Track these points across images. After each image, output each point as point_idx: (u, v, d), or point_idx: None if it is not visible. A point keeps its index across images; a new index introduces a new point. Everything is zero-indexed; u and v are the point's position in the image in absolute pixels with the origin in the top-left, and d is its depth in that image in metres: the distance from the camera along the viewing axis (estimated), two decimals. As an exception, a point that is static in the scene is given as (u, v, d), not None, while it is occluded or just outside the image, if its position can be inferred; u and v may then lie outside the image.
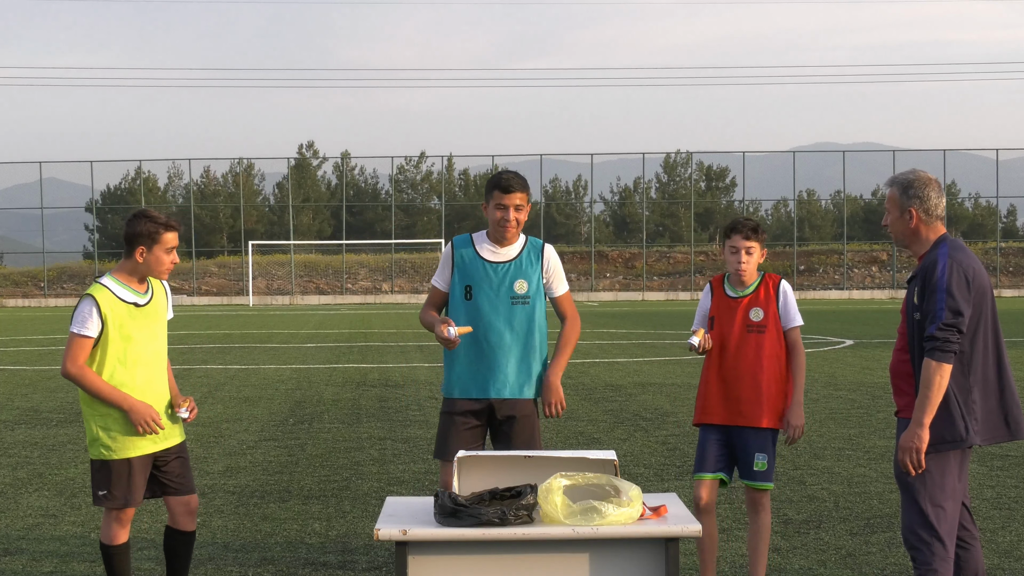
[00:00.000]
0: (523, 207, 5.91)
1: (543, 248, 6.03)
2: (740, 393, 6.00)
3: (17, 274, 67.31)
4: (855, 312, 41.84)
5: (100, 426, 5.52)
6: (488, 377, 5.91)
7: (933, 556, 4.87)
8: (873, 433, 11.53)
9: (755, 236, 6.06)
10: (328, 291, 65.54)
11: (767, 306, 6.02)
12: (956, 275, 4.82)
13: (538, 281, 5.96)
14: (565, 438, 11.49)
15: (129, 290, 5.59)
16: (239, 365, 20.41)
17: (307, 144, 78.43)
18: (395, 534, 4.42)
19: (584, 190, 76.74)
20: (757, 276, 6.13)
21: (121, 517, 5.65)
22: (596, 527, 4.41)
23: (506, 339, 5.89)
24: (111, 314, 5.48)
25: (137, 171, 70.85)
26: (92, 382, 5.46)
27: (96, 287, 5.53)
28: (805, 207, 79.33)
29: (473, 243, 6.00)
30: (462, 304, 5.93)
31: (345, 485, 9.13)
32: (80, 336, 5.45)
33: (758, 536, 6.09)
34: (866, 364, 19.31)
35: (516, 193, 5.88)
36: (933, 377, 4.77)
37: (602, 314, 41.88)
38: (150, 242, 5.57)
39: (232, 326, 35.02)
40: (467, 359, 5.93)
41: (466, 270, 5.95)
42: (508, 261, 5.94)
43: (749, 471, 6.02)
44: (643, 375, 17.69)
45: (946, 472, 4.90)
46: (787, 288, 6.11)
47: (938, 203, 5.00)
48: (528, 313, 5.92)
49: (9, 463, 10.32)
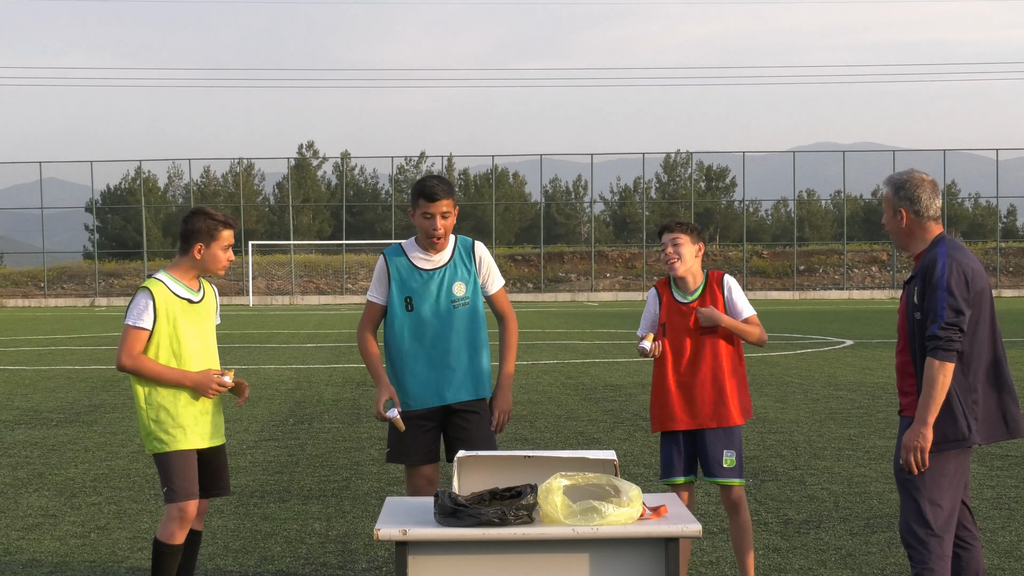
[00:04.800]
0: (450, 213, 5.85)
1: (474, 246, 6.01)
2: (704, 396, 6.00)
3: (17, 274, 67.33)
4: (855, 312, 41.84)
5: (152, 419, 5.53)
6: (442, 384, 5.91)
7: (930, 554, 4.88)
8: (873, 433, 11.54)
9: (680, 228, 6.05)
10: (328, 291, 65.56)
11: (716, 306, 6.02)
12: (956, 274, 4.83)
13: (474, 280, 5.96)
14: (565, 438, 11.49)
15: (183, 286, 5.62)
16: (239, 365, 20.41)
17: (307, 144, 78.47)
18: (395, 534, 4.42)
19: (584, 190, 76.79)
20: (702, 277, 6.11)
21: (183, 515, 5.57)
22: (596, 527, 4.41)
23: (453, 344, 5.89)
24: (165, 308, 5.52)
25: (137, 171, 70.86)
26: (150, 368, 5.49)
27: (152, 281, 5.57)
28: (805, 207, 79.34)
29: (405, 253, 5.97)
30: (404, 316, 5.91)
31: (345, 485, 9.13)
32: (136, 328, 5.48)
33: (741, 534, 6.09)
34: (866, 364, 19.31)
35: (442, 200, 5.81)
36: (936, 376, 4.78)
37: (602, 314, 41.88)
38: (208, 239, 5.61)
39: (232, 326, 35.03)
40: (418, 370, 5.92)
41: (403, 281, 5.93)
42: (442, 266, 5.93)
43: (719, 468, 6.01)
44: (643, 375, 17.69)
45: (945, 471, 4.92)
46: (730, 282, 6.08)
47: (930, 204, 5.01)
48: (470, 313, 5.92)
49: (9, 463, 10.32)
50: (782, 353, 21.62)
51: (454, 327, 5.89)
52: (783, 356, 20.99)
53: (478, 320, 5.95)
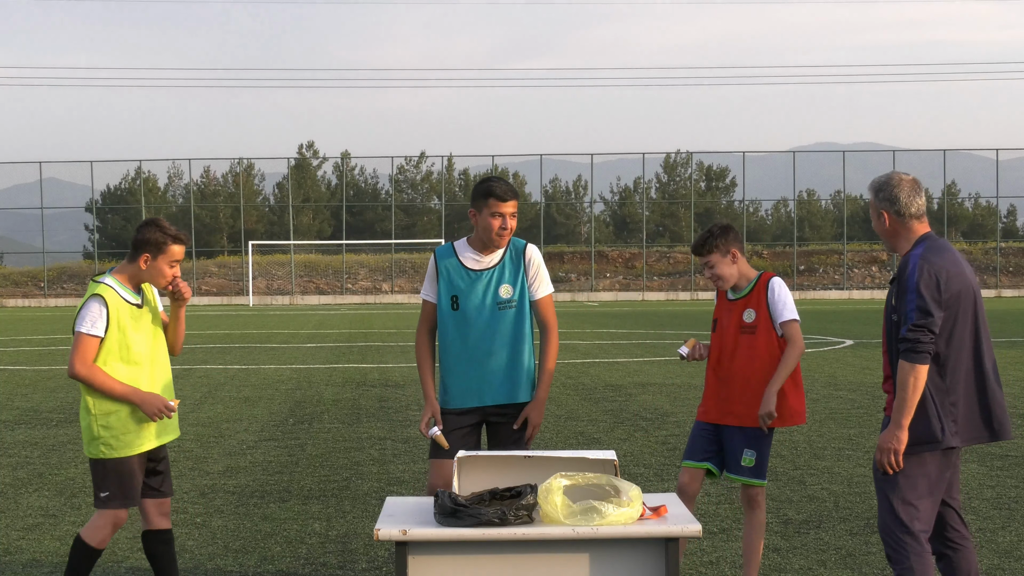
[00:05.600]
0: (515, 215, 5.91)
1: (525, 248, 6.00)
2: (732, 394, 6.06)
3: (17, 274, 67.33)
4: (855, 312, 41.84)
5: (102, 425, 5.52)
6: (482, 385, 5.92)
7: (908, 554, 4.91)
8: (873, 433, 11.54)
9: (706, 251, 6.11)
10: (328, 291, 65.54)
11: (759, 306, 6.05)
12: (926, 275, 4.85)
13: (522, 283, 5.95)
14: (565, 438, 11.49)
15: (129, 292, 5.63)
16: (239, 365, 20.42)
17: (307, 144, 78.44)
18: (395, 534, 4.42)
19: (584, 190, 76.75)
20: (753, 276, 6.17)
21: (118, 521, 5.62)
22: (596, 527, 4.41)
23: (495, 345, 5.89)
24: (117, 314, 5.51)
25: (137, 171, 70.85)
26: (103, 381, 5.47)
27: (103, 287, 5.54)
28: (805, 207, 79.32)
29: (456, 253, 6.00)
30: (450, 314, 5.94)
31: (345, 485, 9.13)
32: (90, 336, 5.46)
33: (752, 533, 6.11)
34: (866, 364, 19.31)
35: (511, 201, 5.87)
36: (907, 378, 4.82)
37: (602, 314, 41.89)
38: (156, 251, 5.60)
39: (232, 326, 35.02)
40: (460, 369, 5.94)
41: (451, 281, 5.95)
42: (491, 267, 5.94)
43: (737, 466, 6.07)
44: (643, 375, 17.69)
45: (921, 472, 4.93)
46: (776, 284, 6.09)
47: (910, 202, 5.02)
48: (516, 317, 5.92)
49: (9, 463, 10.32)
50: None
51: (499, 329, 5.89)
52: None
53: (523, 323, 5.94)
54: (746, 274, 6.15)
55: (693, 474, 6.14)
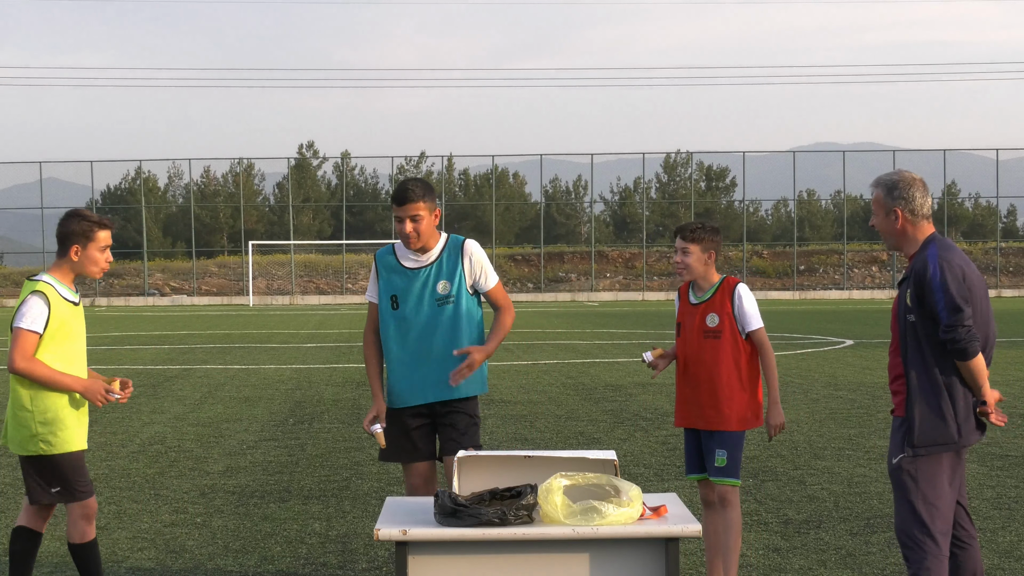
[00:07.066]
0: (421, 217, 5.84)
1: (463, 244, 5.99)
2: (699, 398, 6.10)
3: (17, 274, 67.33)
4: (855, 312, 41.84)
5: (39, 421, 5.53)
6: (425, 383, 5.92)
7: (926, 555, 4.89)
8: (873, 433, 11.53)
9: (690, 238, 6.16)
10: (328, 291, 65.56)
11: (722, 311, 6.06)
12: (949, 273, 4.85)
13: (460, 278, 5.94)
14: (565, 438, 11.49)
15: (67, 288, 5.66)
16: (239, 365, 20.42)
17: (307, 144, 78.45)
18: (395, 534, 4.42)
19: (584, 190, 76.76)
20: (716, 279, 6.16)
21: (88, 511, 5.64)
22: (596, 527, 4.41)
23: (437, 343, 5.89)
24: (57, 312, 5.53)
25: (137, 171, 70.87)
26: (43, 372, 5.48)
27: (44, 285, 5.55)
28: (805, 207, 79.34)
29: (395, 253, 6.01)
30: (390, 314, 5.96)
31: (345, 485, 9.13)
32: (30, 332, 5.46)
33: (727, 532, 6.11)
34: (866, 364, 19.31)
35: (410, 204, 5.82)
36: (972, 374, 4.86)
37: (602, 314, 41.88)
38: (85, 240, 5.62)
39: (232, 326, 35.03)
40: (403, 368, 5.95)
41: (390, 281, 5.97)
42: (428, 265, 5.94)
43: (711, 467, 6.12)
44: (643, 375, 17.69)
45: (939, 472, 4.93)
46: (742, 291, 6.10)
47: (923, 202, 5.02)
48: (455, 312, 5.91)
49: (9, 463, 10.31)
50: (782, 353, 21.61)
51: (439, 326, 5.89)
52: (783, 356, 20.99)
53: (463, 318, 5.93)
54: (709, 278, 6.18)
55: (704, 484, 6.21)
